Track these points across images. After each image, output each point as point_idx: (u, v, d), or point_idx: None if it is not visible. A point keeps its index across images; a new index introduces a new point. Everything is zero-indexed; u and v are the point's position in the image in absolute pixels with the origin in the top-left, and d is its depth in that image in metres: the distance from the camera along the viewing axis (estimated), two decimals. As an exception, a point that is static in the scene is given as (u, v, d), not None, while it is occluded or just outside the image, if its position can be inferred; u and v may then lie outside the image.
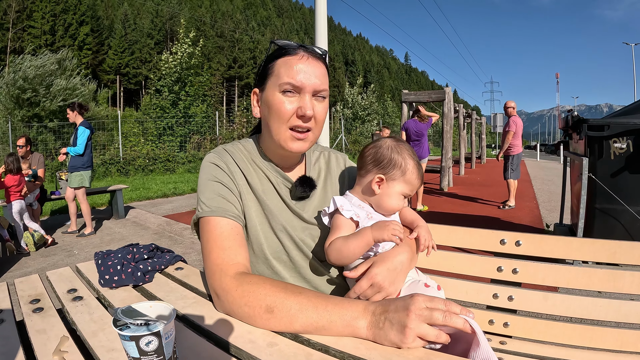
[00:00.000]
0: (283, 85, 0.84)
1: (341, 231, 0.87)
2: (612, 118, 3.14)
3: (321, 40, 4.78)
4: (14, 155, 4.28)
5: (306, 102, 0.84)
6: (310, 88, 0.85)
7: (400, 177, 0.90)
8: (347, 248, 0.85)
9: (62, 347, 0.69)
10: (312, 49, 0.90)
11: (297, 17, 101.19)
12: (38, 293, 0.96)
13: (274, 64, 0.88)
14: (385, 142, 0.93)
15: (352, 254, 0.85)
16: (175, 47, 15.85)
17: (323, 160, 1.05)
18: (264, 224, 0.91)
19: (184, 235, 4.62)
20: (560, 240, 1.24)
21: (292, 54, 0.87)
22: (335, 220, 0.90)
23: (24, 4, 40.29)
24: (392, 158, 0.90)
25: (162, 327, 0.51)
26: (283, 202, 0.94)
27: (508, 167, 5.97)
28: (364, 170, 0.93)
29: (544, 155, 31.13)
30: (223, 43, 57.69)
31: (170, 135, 14.80)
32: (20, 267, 3.69)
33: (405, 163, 0.90)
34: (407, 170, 0.90)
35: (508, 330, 1.25)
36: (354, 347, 0.65)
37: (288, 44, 0.89)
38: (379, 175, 0.90)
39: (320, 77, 0.86)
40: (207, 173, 0.91)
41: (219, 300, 0.79)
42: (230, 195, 0.88)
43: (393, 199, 0.90)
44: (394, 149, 0.91)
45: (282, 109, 0.85)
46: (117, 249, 1.13)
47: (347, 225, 0.88)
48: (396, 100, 41.59)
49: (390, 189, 0.90)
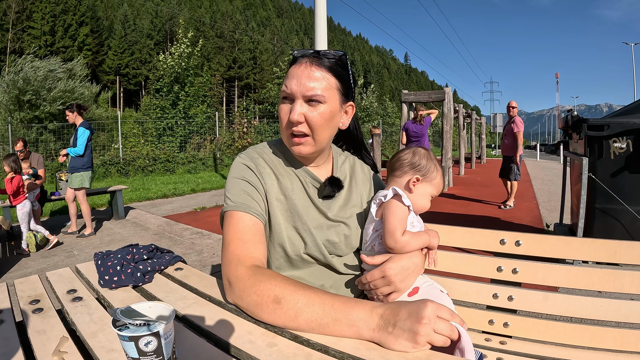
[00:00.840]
0: (281, 93, 0.92)
1: (402, 221, 0.95)
2: (611, 118, 3.14)
3: (321, 41, 4.78)
4: (14, 155, 4.28)
5: (295, 108, 0.88)
6: (299, 94, 0.88)
7: (431, 180, 1.03)
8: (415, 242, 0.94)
9: (61, 348, 0.69)
10: (316, 55, 0.91)
11: (296, 18, 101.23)
12: (38, 294, 0.95)
13: (286, 74, 0.94)
14: (420, 151, 1.05)
15: (415, 248, 0.94)
16: (174, 48, 15.85)
17: (348, 164, 1.10)
18: (288, 223, 0.95)
19: (184, 236, 4.62)
20: (560, 240, 1.24)
21: (297, 62, 0.91)
22: (396, 209, 0.96)
23: (24, 4, 40.31)
24: (427, 164, 1.03)
25: (161, 328, 0.51)
26: (310, 200, 0.98)
27: (513, 169, 5.93)
28: (401, 172, 1.04)
29: (544, 155, 31.15)
30: (223, 43, 57.72)
31: (170, 136, 14.80)
32: (20, 268, 3.69)
33: (436, 170, 1.03)
34: (437, 176, 1.04)
35: (508, 330, 1.25)
36: (354, 347, 0.65)
37: (302, 52, 0.93)
38: (416, 176, 1.02)
39: (315, 81, 0.88)
40: (236, 172, 0.96)
41: (230, 288, 0.82)
42: (256, 194, 0.93)
43: (424, 198, 1.03)
44: (427, 157, 1.04)
45: (281, 115, 0.92)
46: (117, 250, 1.13)
47: (405, 213, 0.96)
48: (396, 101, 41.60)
49: (423, 189, 1.03)
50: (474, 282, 1.30)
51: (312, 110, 0.88)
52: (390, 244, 0.93)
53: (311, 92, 0.87)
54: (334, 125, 0.94)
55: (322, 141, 0.93)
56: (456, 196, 7.21)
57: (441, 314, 0.66)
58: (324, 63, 0.90)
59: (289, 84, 0.89)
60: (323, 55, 0.92)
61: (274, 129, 17.08)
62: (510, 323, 1.24)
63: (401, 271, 0.90)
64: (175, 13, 54.51)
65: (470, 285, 1.29)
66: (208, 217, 5.75)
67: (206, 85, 17.63)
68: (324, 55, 0.92)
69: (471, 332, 1.30)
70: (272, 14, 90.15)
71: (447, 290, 1.25)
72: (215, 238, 4.43)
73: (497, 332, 1.26)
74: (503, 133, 6.28)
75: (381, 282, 0.90)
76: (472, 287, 1.29)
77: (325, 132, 0.92)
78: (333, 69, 0.91)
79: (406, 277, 0.91)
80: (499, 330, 1.26)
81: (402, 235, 0.93)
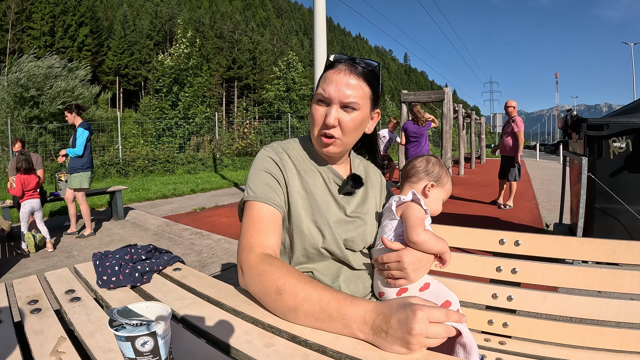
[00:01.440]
0: (317, 96, 0.96)
1: (422, 220, 1.00)
2: (611, 117, 3.14)
3: (320, 41, 4.79)
4: (25, 154, 4.29)
5: (331, 113, 0.93)
6: (336, 100, 0.93)
7: (444, 185, 1.12)
8: (433, 244, 0.97)
9: (59, 348, 0.68)
10: (353, 63, 0.96)
11: (296, 18, 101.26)
12: (36, 294, 0.95)
13: (320, 77, 0.99)
14: (432, 159, 1.14)
15: (432, 249, 0.97)
16: (173, 49, 15.85)
17: (362, 166, 1.16)
18: (308, 216, 0.98)
19: (184, 236, 4.62)
20: (559, 239, 1.23)
21: (334, 68, 0.96)
22: (414, 208, 1.01)
23: (23, 5, 40.30)
24: (439, 170, 1.12)
25: (158, 328, 0.51)
26: (331, 196, 1.03)
27: (513, 169, 5.91)
28: (416, 178, 1.12)
29: (544, 155, 31.15)
30: (222, 44, 57.68)
31: (169, 137, 14.80)
32: (20, 269, 3.68)
33: (446, 176, 1.13)
34: (448, 181, 1.13)
35: (507, 330, 1.24)
36: (351, 347, 0.65)
37: (338, 57, 0.97)
38: (431, 182, 1.10)
39: (352, 89, 0.93)
40: (259, 164, 1.00)
41: (242, 275, 0.86)
42: (277, 186, 0.96)
43: (437, 202, 1.11)
44: (439, 164, 1.13)
45: (315, 116, 0.96)
46: (115, 250, 1.13)
47: (423, 215, 1.02)
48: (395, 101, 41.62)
49: (437, 194, 1.11)
50: (473, 282, 1.30)
51: (346, 115, 0.94)
52: (413, 238, 0.96)
53: (348, 99, 0.93)
54: (362, 129, 1.01)
55: (349, 144, 1.00)
56: (456, 196, 7.21)
57: (434, 317, 0.65)
58: (360, 71, 0.95)
59: (327, 88, 0.93)
60: (358, 63, 0.96)
61: (273, 129, 17.07)
62: (510, 323, 1.24)
63: (415, 261, 0.95)
64: (175, 13, 54.49)
65: (469, 285, 1.29)
66: (208, 217, 5.75)
67: (205, 86, 17.62)
68: (359, 63, 0.96)
69: (470, 332, 1.30)
70: (271, 15, 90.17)
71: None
72: (214, 239, 4.42)
73: (496, 332, 1.26)
74: (502, 133, 6.25)
75: (395, 266, 0.95)
76: (472, 287, 1.29)
77: (354, 136, 0.99)
78: (368, 79, 0.96)
79: (419, 267, 0.96)
80: (498, 331, 1.26)
81: (425, 233, 0.97)
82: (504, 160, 6.06)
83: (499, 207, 6.04)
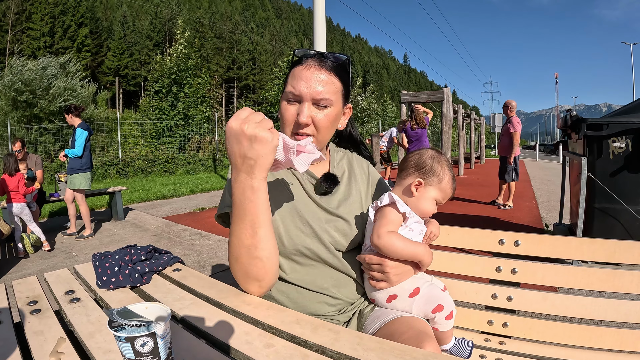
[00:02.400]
0: (287, 94, 0.92)
1: (393, 223, 0.95)
2: (610, 117, 3.14)
3: (320, 41, 4.79)
4: (13, 156, 4.26)
5: (303, 111, 0.89)
6: (308, 97, 0.90)
7: (436, 184, 0.99)
8: (401, 249, 0.93)
9: (59, 349, 0.68)
10: (322, 58, 0.93)
11: (295, 19, 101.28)
12: (36, 295, 0.95)
13: (288, 74, 0.94)
14: (428, 152, 1.02)
15: (400, 255, 0.93)
16: (172, 49, 15.85)
17: (346, 160, 1.11)
18: (285, 218, 0.96)
19: (183, 237, 4.62)
20: (559, 240, 1.23)
21: (302, 64, 0.92)
22: (387, 212, 0.96)
23: (23, 5, 40.30)
24: (432, 166, 0.99)
25: (158, 328, 0.51)
26: (308, 196, 1.00)
27: (510, 169, 5.93)
28: (406, 173, 1.02)
29: (543, 155, 31.15)
30: (222, 44, 57.69)
31: (169, 137, 14.80)
32: (19, 269, 3.68)
33: (443, 173, 0.99)
34: (444, 179, 0.99)
35: (507, 330, 1.24)
36: (351, 348, 0.65)
37: (304, 53, 0.94)
38: (418, 179, 0.99)
39: (323, 85, 0.90)
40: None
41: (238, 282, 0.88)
42: None
43: (427, 202, 0.99)
44: (435, 158, 1.00)
45: (285, 115, 0.92)
46: (115, 251, 1.13)
47: (398, 219, 0.96)
48: (395, 101, 41.63)
49: (427, 193, 0.99)
50: (473, 282, 1.30)
51: (319, 112, 0.91)
52: (374, 241, 0.93)
53: (320, 95, 0.90)
54: (336, 125, 0.99)
55: (324, 141, 0.97)
56: (455, 196, 7.21)
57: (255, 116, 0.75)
58: (330, 66, 0.93)
59: (297, 85, 0.89)
60: (327, 57, 0.93)
61: (273, 130, 17.02)
62: (510, 323, 1.24)
63: (398, 265, 0.93)
64: (175, 14, 54.49)
65: (469, 286, 1.29)
66: (207, 218, 5.75)
67: (205, 86, 17.62)
68: (327, 57, 0.93)
69: (470, 333, 1.30)
70: (271, 15, 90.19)
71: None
72: (214, 239, 4.42)
73: (496, 333, 1.26)
74: (500, 133, 6.28)
75: (377, 268, 0.94)
76: (471, 287, 1.29)
77: (329, 133, 0.96)
78: (339, 73, 0.94)
79: (402, 272, 0.95)
80: (498, 331, 1.26)
81: (388, 234, 0.93)
82: (501, 161, 6.08)
83: (499, 207, 6.05)
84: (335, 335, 0.70)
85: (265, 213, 0.80)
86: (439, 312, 0.95)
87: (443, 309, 0.95)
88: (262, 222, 0.80)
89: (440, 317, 0.95)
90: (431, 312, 0.95)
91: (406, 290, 0.97)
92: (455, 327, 1.29)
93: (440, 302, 0.95)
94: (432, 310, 0.95)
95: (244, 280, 0.85)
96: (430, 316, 0.96)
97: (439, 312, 0.95)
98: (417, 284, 0.98)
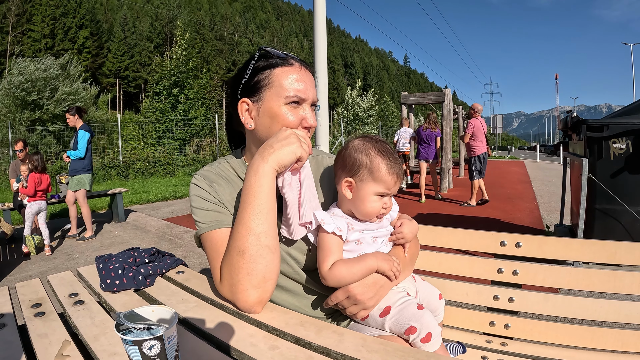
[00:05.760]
0: (290, 97, 0.84)
1: (331, 251, 0.84)
2: (611, 118, 3.15)
3: (320, 43, 4.79)
4: (39, 153, 4.32)
5: (309, 114, 0.87)
6: (311, 100, 0.88)
7: (368, 176, 0.85)
8: (352, 275, 0.83)
9: (64, 352, 0.69)
10: (298, 58, 0.91)
11: (296, 20, 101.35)
12: (39, 297, 0.96)
13: (270, 74, 0.86)
14: (351, 143, 0.90)
15: (355, 279, 0.84)
16: (172, 51, 15.89)
17: (314, 163, 1.01)
18: None
19: (185, 239, 4.62)
20: (560, 241, 1.24)
21: (290, 65, 0.87)
22: (320, 239, 0.86)
23: (24, 7, 40.37)
24: (357, 158, 0.86)
25: (165, 331, 0.52)
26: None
27: (470, 168, 6.25)
28: (337, 177, 0.91)
29: (544, 156, 31.13)
30: (222, 46, 57.78)
31: (169, 139, 14.81)
32: (21, 271, 3.68)
33: (371, 161, 0.85)
34: (375, 168, 0.84)
35: (509, 331, 1.25)
36: (355, 350, 0.65)
37: (280, 53, 0.89)
38: (346, 179, 0.87)
39: (314, 87, 0.90)
40: (194, 195, 0.93)
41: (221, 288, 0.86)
42: (220, 208, 0.91)
43: (368, 201, 0.85)
44: (358, 148, 0.87)
45: (288, 120, 0.85)
46: (118, 253, 1.13)
47: (334, 243, 0.84)
48: (396, 102, 41.65)
49: (362, 191, 0.85)
50: (475, 283, 1.30)
51: (314, 114, 0.91)
52: (322, 282, 0.85)
53: (316, 97, 0.90)
54: None
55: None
56: (456, 198, 7.21)
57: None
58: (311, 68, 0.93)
59: (300, 88, 0.85)
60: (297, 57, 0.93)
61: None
62: (511, 324, 1.24)
63: (366, 288, 0.84)
64: (175, 16, 54.54)
65: (470, 287, 1.29)
66: (208, 219, 5.75)
67: (205, 88, 17.65)
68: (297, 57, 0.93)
69: (472, 334, 1.30)
70: (271, 17, 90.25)
71: (447, 292, 1.25)
72: (215, 240, 4.42)
73: (497, 334, 1.27)
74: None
75: (347, 302, 0.85)
76: (473, 288, 1.29)
77: None
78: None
79: (376, 292, 0.85)
80: (499, 332, 1.26)
81: (330, 269, 0.83)
82: (468, 162, 6.46)
83: (460, 204, 6.38)
84: (340, 337, 0.70)
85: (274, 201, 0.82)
86: (412, 334, 0.81)
87: (416, 332, 0.81)
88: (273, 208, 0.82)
89: (415, 340, 0.81)
90: (404, 334, 0.83)
91: (377, 309, 0.87)
92: (457, 328, 1.30)
93: (412, 324, 0.81)
94: (405, 332, 0.83)
95: (245, 282, 0.80)
96: (405, 337, 0.84)
97: (412, 334, 0.81)
98: (389, 302, 0.86)
